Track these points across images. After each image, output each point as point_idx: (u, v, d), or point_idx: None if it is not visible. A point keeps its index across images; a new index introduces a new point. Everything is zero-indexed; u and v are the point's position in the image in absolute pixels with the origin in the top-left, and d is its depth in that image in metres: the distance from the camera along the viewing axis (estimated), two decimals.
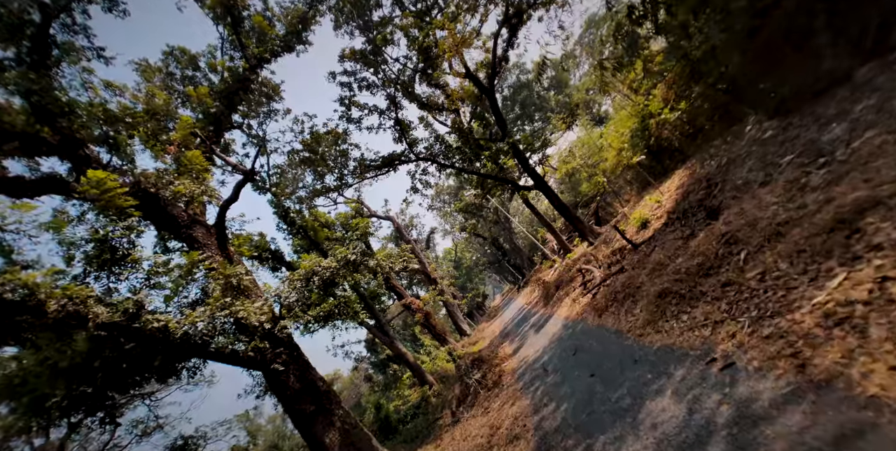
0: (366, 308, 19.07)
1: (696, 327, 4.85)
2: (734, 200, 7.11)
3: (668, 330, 5.46)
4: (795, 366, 3.06)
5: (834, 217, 4.00)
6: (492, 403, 10.73)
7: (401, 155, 18.36)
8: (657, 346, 5.42)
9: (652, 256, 9.14)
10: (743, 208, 5.92)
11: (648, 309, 6.33)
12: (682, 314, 5.42)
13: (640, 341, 5.97)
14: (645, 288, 7.40)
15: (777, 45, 8.40)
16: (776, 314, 3.75)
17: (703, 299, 5.17)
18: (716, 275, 5.28)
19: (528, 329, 15.40)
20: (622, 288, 8.65)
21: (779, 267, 4.23)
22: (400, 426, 17.22)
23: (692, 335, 4.82)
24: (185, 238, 9.91)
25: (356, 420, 10.62)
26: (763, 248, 4.80)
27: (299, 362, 10.31)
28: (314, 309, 10.52)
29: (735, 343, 3.97)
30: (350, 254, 9.60)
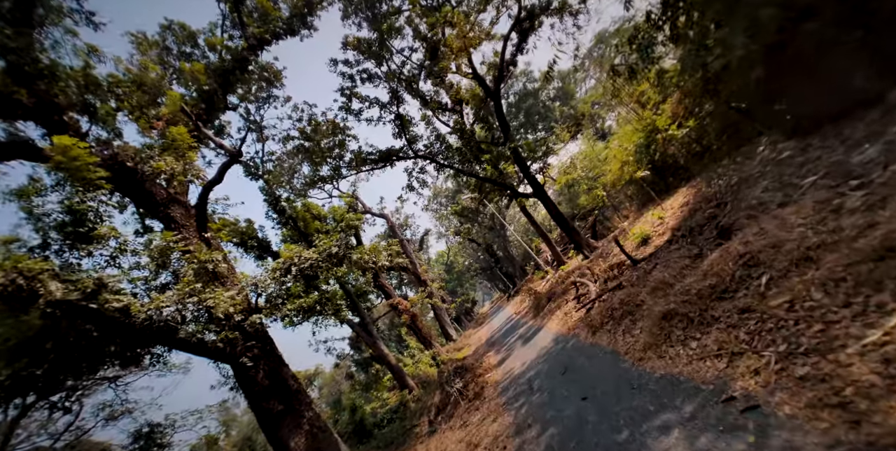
0: (351, 305, 18.41)
1: (707, 357, 4.27)
2: (749, 219, 6.56)
3: (673, 357, 4.87)
4: (847, 421, 2.47)
5: (882, 244, 3.44)
6: (472, 416, 10.09)
7: (399, 151, 17.76)
8: (660, 373, 4.83)
9: (654, 273, 8.58)
10: (763, 229, 5.36)
11: (650, 331, 5.74)
12: (690, 340, 4.84)
13: (640, 366, 5.37)
14: (646, 307, 6.83)
15: (803, 61, 7.90)
16: (813, 352, 3.16)
17: (717, 326, 4.59)
18: (731, 299, 4.70)
19: (516, 340, 14.78)
20: (620, 305, 8.07)
21: (812, 297, 3.66)
22: (375, 430, 16.50)
23: (703, 366, 4.24)
24: (163, 217, 9.25)
25: (326, 424, 9.95)
26: (790, 273, 4.24)
27: (271, 358, 9.64)
28: (293, 302, 9.89)
29: (759, 382, 3.38)
30: (333, 246, 8.97)
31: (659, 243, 10.59)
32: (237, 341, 8.96)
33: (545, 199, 19.94)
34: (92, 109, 8.32)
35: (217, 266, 8.19)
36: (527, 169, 20.25)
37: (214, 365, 10.53)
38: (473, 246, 52.38)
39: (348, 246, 9.47)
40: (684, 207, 11.45)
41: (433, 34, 15.46)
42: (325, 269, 9.27)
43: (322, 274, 9.64)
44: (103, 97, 8.21)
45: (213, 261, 8.09)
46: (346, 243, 9.46)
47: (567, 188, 30.29)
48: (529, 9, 17.32)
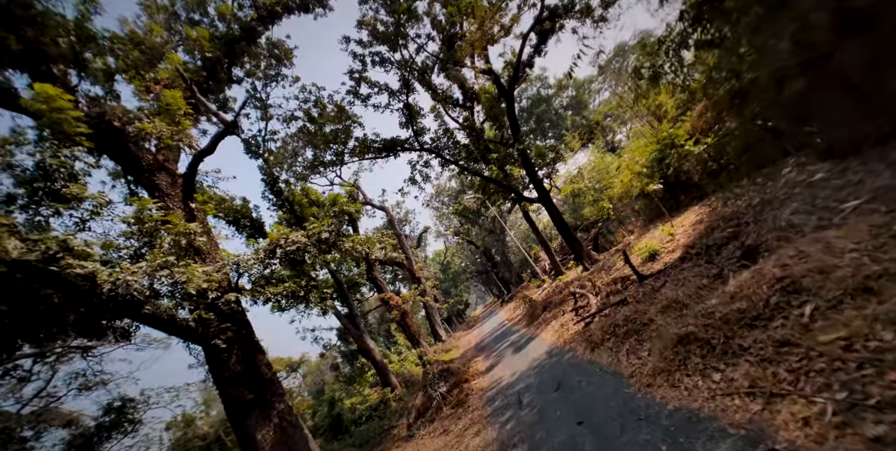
0: (341, 296, 17.75)
1: (736, 394, 3.60)
2: (780, 241, 5.90)
3: (690, 388, 4.21)
4: None
5: None
6: (453, 424, 9.42)
7: (405, 142, 17.07)
8: (673, 405, 4.16)
9: (663, 291, 7.91)
10: (803, 252, 4.70)
11: (662, 354, 5.08)
12: (711, 371, 4.18)
13: (649, 394, 4.71)
14: (656, 327, 6.16)
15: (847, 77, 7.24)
16: (890, 408, 2.51)
17: (746, 357, 3.92)
18: (766, 328, 4.04)
19: (507, 347, 14.10)
20: (625, 322, 7.40)
21: (879, 336, 3.00)
22: (352, 426, 15.82)
23: (730, 404, 3.57)
24: (147, 184, 8.59)
25: (297, 419, 9.28)
26: (843, 305, 3.57)
27: (247, 343, 8.99)
28: (277, 286, 9.25)
29: (811, 435, 2.72)
30: (324, 231, 8.31)
31: (668, 259, 9.92)
32: (211, 321, 8.31)
33: (550, 205, 19.29)
34: (83, 63, 7.68)
35: (194, 239, 7.52)
36: (534, 173, 19.60)
37: (185, 346, 9.87)
38: (472, 248, 51.71)
39: (340, 233, 8.81)
40: (698, 226, 10.79)
41: (452, 25, 14.80)
42: (314, 255, 8.61)
43: (310, 259, 8.98)
44: (97, 52, 7.58)
45: (191, 233, 7.42)
46: (338, 229, 8.80)
47: (572, 198, 29.62)
48: (552, 9, 16.66)
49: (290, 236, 8.23)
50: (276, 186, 15.29)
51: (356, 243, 9.10)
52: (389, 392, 17.93)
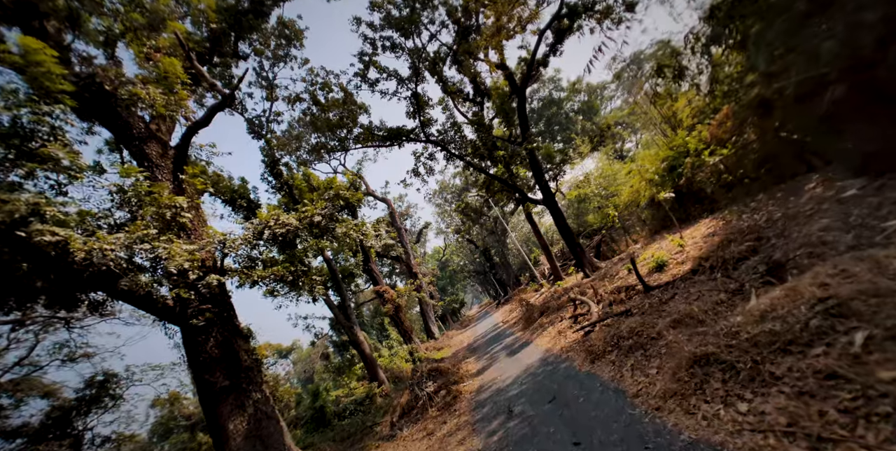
0: (335, 285, 17.23)
1: (770, 432, 3.04)
2: (812, 258, 5.32)
3: (709, 417, 3.65)
4: None
5: None
6: (438, 427, 8.88)
7: (410, 132, 16.47)
8: (689, 435, 3.60)
9: (672, 304, 7.35)
10: (846, 271, 4.12)
11: (675, 374, 4.52)
12: (735, 399, 3.61)
13: (658, 419, 4.15)
14: (666, 343, 5.60)
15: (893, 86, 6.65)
16: None
17: (780, 388, 3.36)
18: (804, 356, 3.47)
19: (500, 350, 13.55)
20: (629, 334, 6.84)
21: None
22: (334, 419, 15.30)
23: (763, 444, 3.00)
24: (137, 153, 8.05)
25: (274, 409, 8.76)
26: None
27: (227, 326, 8.47)
28: (265, 269, 8.72)
29: None
30: (316, 215, 7.77)
31: (677, 271, 9.34)
32: (191, 301, 7.79)
33: (554, 208, 18.71)
34: (77, 21, 7.15)
35: (180, 214, 6.99)
36: (541, 174, 19.02)
37: (162, 325, 9.35)
38: (471, 247, 51.17)
39: (334, 218, 8.26)
40: (710, 238, 10.19)
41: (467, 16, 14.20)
42: (305, 238, 8.07)
43: (301, 244, 8.44)
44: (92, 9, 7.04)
45: (177, 207, 6.89)
46: (332, 213, 8.25)
47: (577, 203, 29.06)
48: (572, 6, 16.03)
49: (281, 217, 7.69)
50: (276, 168, 14.73)
51: (349, 229, 8.55)
52: (376, 387, 17.41)
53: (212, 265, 8.61)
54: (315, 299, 10.56)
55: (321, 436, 14.12)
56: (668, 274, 9.64)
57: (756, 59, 8.15)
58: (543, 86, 41.17)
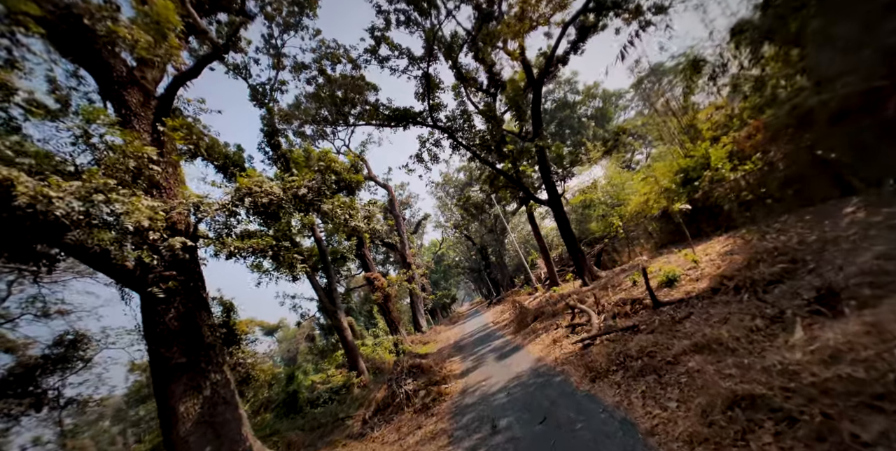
0: (323, 267, 16.34)
1: None
2: (874, 289, 4.43)
3: None
4: None
5: None
6: (412, 432, 8.02)
7: (418, 115, 15.50)
8: None
9: (689, 324, 6.46)
10: None
11: (706, 414, 3.63)
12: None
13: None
14: (686, 369, 4.72)
15: None
16: None
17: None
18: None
19: (488, 353, 12.68)
20: (639, 354, 5.95)
21: None
22: (307, 407, 14.47)
23: None
24: (116, 99, 7.11)
25: (234, 395, 7.88)
26: None
27: (192, 297, 7.57)
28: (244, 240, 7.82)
29: None
30: (302, 187, 6.86)
31: (691, 288, 8.46)
32: (154, 266, 6.90)
33: (559, 210, 17.80)
34: None
35: (146, 165, 6.06)
36: (548, 173, 18.09)
37: (118, 288, 8.47)
38: (468, 244, 50.30)
39: (321, 192, 7.34)
40: (730, 257, 9.30)
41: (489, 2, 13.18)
42: (289, 212, 7.17)
43: (285, 217, 7.54)
44: None
45: (143, 157, 5.96)
46: (320, 187, 7.34)
47: (581, 208, 28.12)
48: (600, 1, 15.01)
49: (264, 185, 6.78)
50: (275, 138, 13.75)
51: (336, 206, 7.65)
52: (355, 377, 16.59)
53: (184, 229, 7.70)
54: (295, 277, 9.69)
55: (290, 423, 13.29)
56: (680, 291, 8.76)
57: (816, 58, 7.21)
58: (559, 87, 40.06)
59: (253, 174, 7.43)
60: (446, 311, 61.39)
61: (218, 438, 7.22)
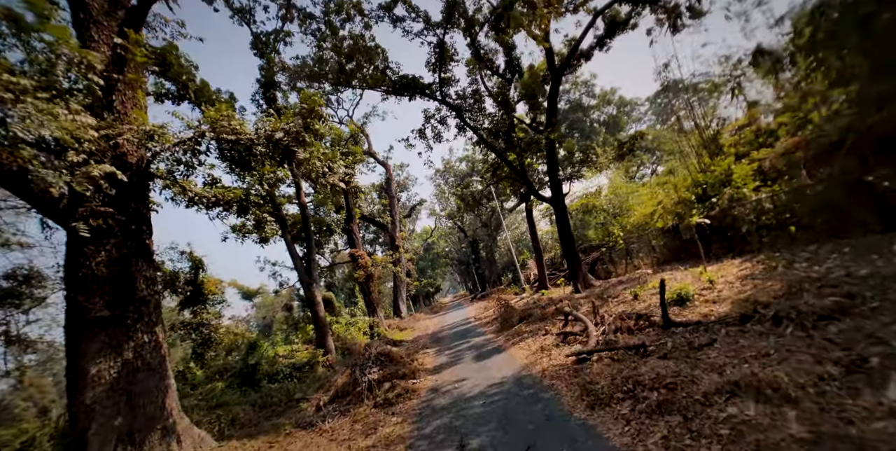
0: (305, 237, 15.03)
1: None
2: None
3: None
4: None
5: None
6: (366, 432, 6.83)
7: (427, 86, 14.15)
8: None
9: (713, 353, 5.29)
10: None
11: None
12: None
13: None
14: (724, 416, 3.54)
15: None
16: None
17: None
18: None
19: (466, 350, 11.52)
20: (654, 383, 4.77)
21: None
22: (264, 381, 13.24)
23: None
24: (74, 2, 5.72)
25: (163, 362, 6.63)
26: None
27: (131, 242, 6.25)
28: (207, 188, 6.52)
29: None
30: (278, 130, 5.55)
31: (707, 311, 7.30)
32: (87, 197, 5.58)
33: (561, 209, 16.61)
34: None
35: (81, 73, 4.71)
36: (556, 169, 16.89)
37: (40, 220, 7.13)
38: (460, 235, 49.11)
39: (299, 137, 6.03)
40: (752, 282, 8.14)
41: None
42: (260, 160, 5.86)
43: (259, 169, 6.21)
44: None
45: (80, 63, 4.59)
46: (298, 132, 6.02)
47: (581, 213, 26.96)
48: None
49: (233, 121, 5.45)
50: (271, 91, 12.31)
51: (315, 156, 6.35)
52: (321, 355, 15.40)
53: (135, 163, 6.36)
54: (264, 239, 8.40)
55: (242, 396, 12.06)
56: (693, 312, 7.59)
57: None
58: (575, 88, 38.62)
59: (223, 109, 6.07)
60: (429, 300, 60.45)
61: (132, 410, 5.98)
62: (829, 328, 4.79)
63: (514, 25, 14.76)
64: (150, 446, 6.05)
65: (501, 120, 17.26)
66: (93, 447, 5.55)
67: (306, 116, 6.12)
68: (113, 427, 5.79)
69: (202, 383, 13.48)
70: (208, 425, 10.20)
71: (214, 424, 10.29)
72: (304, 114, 6.14)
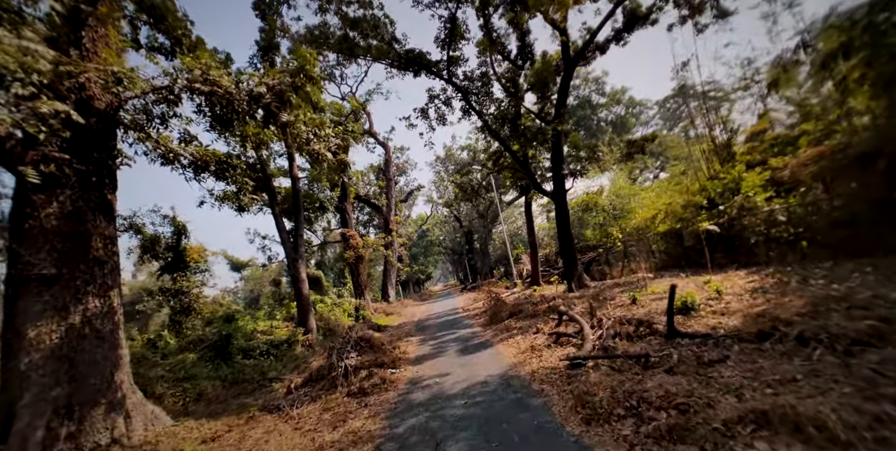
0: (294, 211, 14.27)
1: None
2: None
3: None
4: None
5: None
6: (336, 423, 6.21)
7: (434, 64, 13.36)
8: None
9: (725, 372, 4.71)
10: None
11: None
12: None
13: None
14: (741, 447, 2.92)
15: None
16: None
17: None
18: None
19: (452, 342, 10.92)
20: (662, 402, 4.14)
21: None
22: (238, 356, 12.60)
23: None
24: None
25: (115, 332, 5.94)
26: None
27: (89, 195, 5.51)
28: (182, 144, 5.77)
29: None
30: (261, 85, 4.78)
31: (716, 323, 6.69)
32: (40, 141, 4.81)
33: (562, 205, 15.94)
34: None
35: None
36: (560, 164, 16.19)
37: None
38: (456, 225, 48.42)
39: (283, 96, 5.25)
40: (763, 296, 7.53)
41: None
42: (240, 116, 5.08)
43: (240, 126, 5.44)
44: None
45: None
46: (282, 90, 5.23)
47: (581, 212, 26.29)
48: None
49: (212, 71, 4.65)
50: (269, 54, 11.38)
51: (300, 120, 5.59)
52: (301, 334, 14.79)
53: (103, 109, 5.55)
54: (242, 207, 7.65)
55: (214, 371, 11.42)
56: (700, 322, 6.97)
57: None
58: (586, 84, 37.60)
59: (203, 56, 5.26)
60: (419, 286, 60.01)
61: (74, 381, 5.29)
62: (867, 356, 4.17)
63: (533, 6, 13.86)
64: (91, 421, 5.40)
65: (508, 107, 16.44)
66: (22, 419, 4.88)
67: (295, 74, 5.33)
68: (49, 399, 5.11)
69: (174, 352, 12.82)
70: (172, 398, 9.59)
71: (179, 398, 9.68)
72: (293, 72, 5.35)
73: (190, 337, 14.11)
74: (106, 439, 5.43)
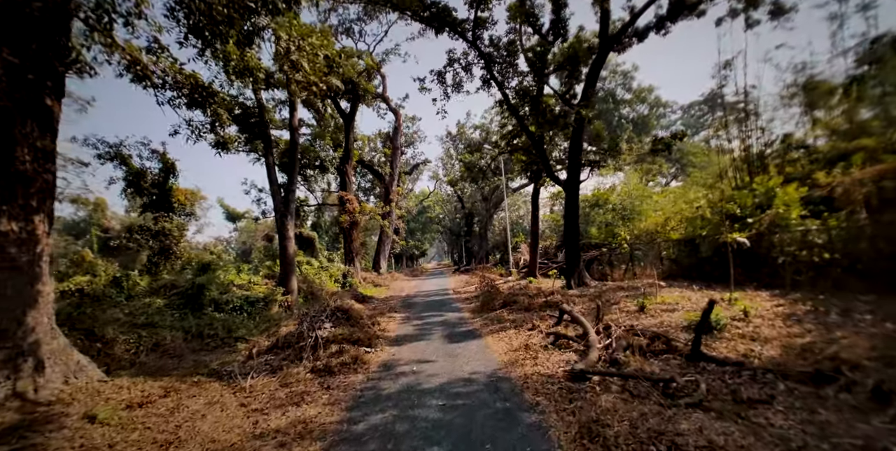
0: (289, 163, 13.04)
1: None
2: None
3: None
4: None
5: None
6: (287, 406, 5.22)
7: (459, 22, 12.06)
8: None
9: (774, 419, 3.66)
10: None
11: None
12: None
13: None
14: None
15: None
16: None
17: None
18: None
19: (438, 325, 9.91)
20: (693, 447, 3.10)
21: None
22: (209, 309, 11.65)
23: None
24: None
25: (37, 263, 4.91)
26: None
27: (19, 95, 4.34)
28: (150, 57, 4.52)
29: None
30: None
31: (746, 350, 5.65)
32: None
33: (574, 196, 14.78)
34: None
35: None
36: (578, 150, 14.94)
37: None
38: (457, 205, 47.16)
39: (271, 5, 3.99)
40: (798, 324, 6.47)
41: None
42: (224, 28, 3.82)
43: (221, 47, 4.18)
44: None
45: None
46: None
47: (589, 207, 25.08)
48: None
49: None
50: None
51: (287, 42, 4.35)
52: (281, 294, 13.82)
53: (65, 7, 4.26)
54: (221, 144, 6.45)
55: (178, 321, 10.46)
56: (728, 346, 5.92)
57: None
58: (613, 77, 35.57)
59: None
60: (412, 262, 59.28)
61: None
62: None
63: None
64: None
65: (532, 84, 15.00)
66: None
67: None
68: None
69: (141, 295, 11.85)
70: (124, 345, 8.63)
71: (132, 346, 8.72)
72: None
73: (162, 281, 13.13)
74: (4, 391, 4.41)
